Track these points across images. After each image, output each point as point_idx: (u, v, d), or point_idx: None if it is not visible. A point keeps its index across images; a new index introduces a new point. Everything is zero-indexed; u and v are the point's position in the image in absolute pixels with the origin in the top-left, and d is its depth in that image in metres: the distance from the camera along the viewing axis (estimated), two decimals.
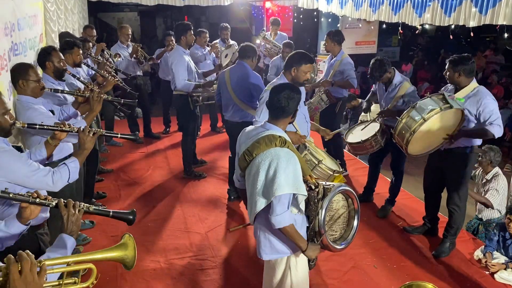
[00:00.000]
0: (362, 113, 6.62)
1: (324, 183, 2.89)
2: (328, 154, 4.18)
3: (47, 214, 2.89)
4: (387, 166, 5.50)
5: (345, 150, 6.59)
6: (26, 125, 2.92)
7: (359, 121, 5.52)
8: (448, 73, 4.21)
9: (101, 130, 3.12)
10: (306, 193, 2.69)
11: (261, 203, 2.67)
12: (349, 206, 3.03)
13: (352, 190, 2.97)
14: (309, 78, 3.97)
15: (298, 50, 4.20)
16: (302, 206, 2.75)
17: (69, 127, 3.00)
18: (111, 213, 2.24)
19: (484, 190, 5.09)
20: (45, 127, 2.96)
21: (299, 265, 2.91)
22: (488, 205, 4.98)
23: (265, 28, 8.58)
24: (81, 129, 2.97)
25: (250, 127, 2.99)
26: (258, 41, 8.58)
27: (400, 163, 5.26)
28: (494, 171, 5.04)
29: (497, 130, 4.01)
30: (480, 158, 5.04)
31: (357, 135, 5.17)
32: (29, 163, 2.68)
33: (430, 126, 4.04)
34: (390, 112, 4.92)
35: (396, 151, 5.11)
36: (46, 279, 1.72)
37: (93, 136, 2.98)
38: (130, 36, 7.48)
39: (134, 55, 7.28)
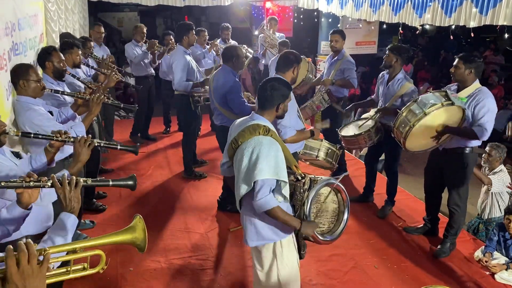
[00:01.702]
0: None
1: (312, 176, 2.94)
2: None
3: (50, 223, 2.87)
4: None
5: (346, 151, 6.60)
6: (20, 134, 2.88)
7: (355, 118, 5.54)
8: (458, 70, 4.14)
9: (100, 141, 2.97)
10: (287, 180, 2.75)
11: (243, 189, 2.75)
12: (339, 201, 3.08)
13: (340, 184, 3.00)
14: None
15: (289, 50, 4.41)
16: (286, 192, 2.78)
17: (65, 137, 2.88)
18: (110, 183, 2.20)
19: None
20: (40, 136, 2.87)
21: (285, 253, 2.93)
22: (484, 182, 4.99)
23: (264, 22, 8.56)
24: (78, 140, 2.81)
25: (240, 119, 3.08)
26: (256, 32, 8.55)
27: (392, 164, 5.28)
28: (499, 168, 5.04)
29: (481, 133, 3.99)
30: (489, 156, 5.04)
31: (351, 130, 5.19)
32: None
33: (430, 122, 4.05)
34: (388, 110, 4.94)
35: (388, 152, 5.15)
36: (53, 267, 1.67)
37: (88, 148, 2.81)
38: (145, 35, 7.47)
39: (151, 50, 7.26)
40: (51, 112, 3.75)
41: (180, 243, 4.71)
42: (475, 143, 4.28)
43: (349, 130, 5.24)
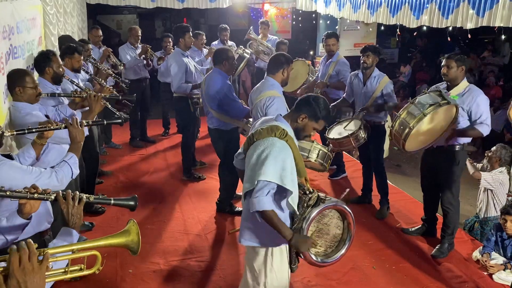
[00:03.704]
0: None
1: (322, 195, 2.86)
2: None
3: (51, 218, 2.90)
4: (390, 168, 5.50)
5: (344, 153, 6.61)
6: (15, 132, 2.91)
7: (336, 121, 5.55)
8: (451, 69, 4.19)
9: (88, 120, 3.11)
10: (291, 189, 2.68)
11: (247, 185, 2.73)
12: (344, 228, 2.94)
13: (350, 211, 2.87)
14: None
15: (280, 52, 4.50)
16: (292, 202, 2.70)
17: (57, 125, 2.98)
18: (112, 201, 2.23)
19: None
20: (34, 130, 2.94)
21: (276, 263, 2.90)
22: (472, 173, 5.00)
23: (251, 28, 8.48)
24: (69, 123, 2.95)
25: (265, 117, 3.08)
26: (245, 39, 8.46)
27: (378, 161, 5.34)
28: (499, 169, 5.05)
29: (485, 129, 4.18)
30: (490, 154, 5.07)
31: (340, 132, 5.22)
32: (29, 170, 2.68)
33: (427, 122, 4.09)
34: (375, 106, 5.08)
35: (373, 149, 5.21)
36: (51, 267, 1.73)
37: (82, 128, 2.97)
38: (140, 38, 7.48)
39: (143, 56, 7.27)
40: (47, 116, 3.75)
41: (179, 245, 4.72)
42: (466, 140, 4.36)
43: (336, 132, 5.26)
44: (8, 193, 2.05)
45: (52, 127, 2.95)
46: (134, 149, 7.61)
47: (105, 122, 3.23)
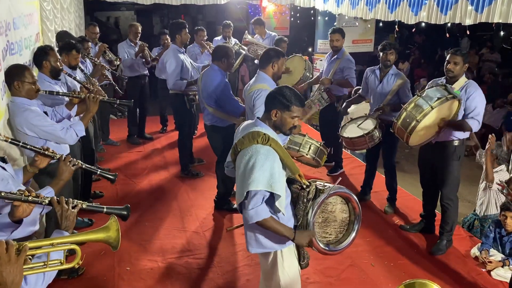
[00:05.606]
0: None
1: (320, 183, 2.86)
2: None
3: (36, 227, 2.85)
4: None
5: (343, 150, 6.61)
6: (9, 140, 2.88)
7: (349, 119, 5.52)
8: (457, 65, 4.18)
9: (82, 163, 2.99)
10: (281, 194, 2.63)
11: (238, 198, 2.72)
12: (349, 210, 2.96)
13: (351, 193, 2.90)
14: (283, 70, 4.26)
15: (271, 47, 4.57)
16: (279, 205, 2.67)
17: (52, 153, 2.92)
18: (105, 210, 2.24)
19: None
20: (28, 147, 2.89)
21: (286, 263, 2.90)
22: (489, 178, 4.92)
23: (247, 31, 8.38)
24: (63, 158, 2.87)
25: (245, 123, 3.02)
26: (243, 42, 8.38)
27: (391, 158, 5.34)
28: (500, 167, 5.03)
29: (475, 125, 4.15)
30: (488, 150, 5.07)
31: (354, 130, 5.18)
32: (3, 184, 2.61)
33: (433, 116, 4.08)
34: (392, 106, 5.06)
35: (387, 146, 5.21)
36: (30, 260, 1.77)
37: (72, 167, 2.88)
38: (139, 35, 7.42)
39: (140, 54, 7.24)
40: (45, 113, 3.74)
41: (177, 242, 4.71)
42: (464, 135, 4.34)
43: (351, 131, 5.21)
44: (3, 194, 2.06)
45: (46, 153, 2.89)
46: (131, 146, 7.59)
47: (98, 171, 3.12)
